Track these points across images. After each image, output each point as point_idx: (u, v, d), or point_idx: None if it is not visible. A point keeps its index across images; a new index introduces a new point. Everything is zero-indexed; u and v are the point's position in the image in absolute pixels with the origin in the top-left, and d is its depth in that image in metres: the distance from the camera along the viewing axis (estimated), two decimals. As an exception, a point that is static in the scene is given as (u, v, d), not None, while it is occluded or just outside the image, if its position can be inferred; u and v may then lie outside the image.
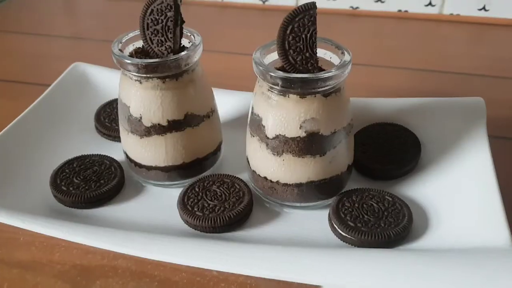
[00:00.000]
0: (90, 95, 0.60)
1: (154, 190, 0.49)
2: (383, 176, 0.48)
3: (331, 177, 0.44)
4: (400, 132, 0.51)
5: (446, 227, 0.42)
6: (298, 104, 0.41)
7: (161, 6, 0.44)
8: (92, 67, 0.62)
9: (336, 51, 0.43)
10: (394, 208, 0.43)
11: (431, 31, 0.82)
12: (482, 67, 0.71)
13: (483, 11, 0.80)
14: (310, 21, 0.42)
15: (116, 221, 0.45)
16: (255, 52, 0.43)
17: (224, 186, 0.46)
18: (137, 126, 0.46)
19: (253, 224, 0.45)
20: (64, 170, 0.49)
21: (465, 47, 0.78)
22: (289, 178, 0.44)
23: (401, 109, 0.53)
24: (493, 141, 0.49)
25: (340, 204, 0.44)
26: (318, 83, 0.40)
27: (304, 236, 0.43)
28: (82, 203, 0.46)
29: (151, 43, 0.45)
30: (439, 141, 0.50)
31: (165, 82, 0.44)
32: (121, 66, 0.44)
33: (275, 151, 0.43)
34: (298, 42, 0.42)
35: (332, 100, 0.41)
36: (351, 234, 0.41)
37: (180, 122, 0.45)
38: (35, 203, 0.47)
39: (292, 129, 0.42)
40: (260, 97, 0.43)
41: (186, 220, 0.44)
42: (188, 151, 0.47)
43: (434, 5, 0.81)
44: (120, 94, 0.47)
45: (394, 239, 0.41)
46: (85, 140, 0.55)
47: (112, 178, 0.48)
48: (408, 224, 0.42)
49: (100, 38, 0.82)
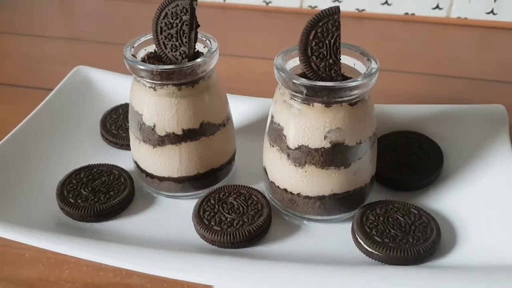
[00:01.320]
0: (94, 101, 0.57)
1: (166, 201, 0.47)
2: (405, 187, 0.47)
3: (355, 189, 0.42)
4: (420, 140, 0.49)
5: (475, 241, 0.40)
6: (323, 113, 0.39)
7: (176, 9, 0.42)
8: (95, 71, 0.59)
9: (361, 58, 0.41)
10: (421, 222, 0.41)
11: (438, 34, 0.80)
12: (491, 72, 0.70)
13: (491, 14, 0.78)
14: (334, 26, 0.40)
15: (128, 235, 0.43)
16: (276, 58, 0.41)
17: (241, 198, 0.44)
18: (150, 135, 0.43)
19: (273, 238, 0.43)
20: (71, 181, 0.46)
21: (473, 51, 0.77)
22: (311, 190, 0.42)
23: (419, 116, 0.52)
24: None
25: (364, 217, 0.42)
26: (346, 91, 0.38)
27: (326, 251, 0.41)
28: (91, 216, 0.44)
29: (165, 48, 0.43)
30: (461, 150, 0.48)
31: (181, 89, 0.42)
32: (134, 72, 0.42)
33: (297, 162, 0.41)
34: (321, 48, 0.40)
35: (358, 109, 0.39)
36: (378, 249, 0.40)
37: (196, 131, 0.43)
38: (41, 216, 0.44)
39: (316, 140, 0.40)
40: (282, 105, 0.41)
41: (202, 234, 0.42)
42: (203, 161, 0.45)
43: (441, 8, 0.80)
44: (131, 101, 0.44)
45: (423, 255, 0.39)
46: (90, 148, 0.53)
47: (122, 189, 0.46)
48: (437, 239, 0.40)
49: (99, 39, 0.79)
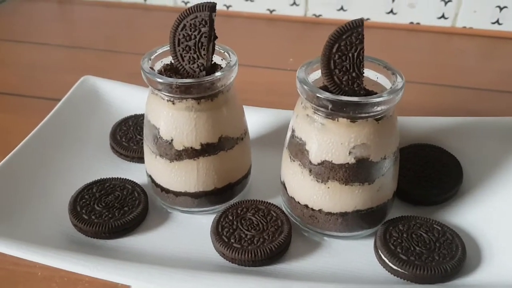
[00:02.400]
0: (102, 112, 0.56)
1: (181, 217, 0.45)
2: (425, 202, 0.46)
3: (378, 206, 0.41)
4: (438, 154, 0.49)
5: (500, 258, 0.40)
6: (348, 128, 0.38)
7: (195, 21, 0.41)
8: (102, 81, 0.58)
9: (385, 71, 0.41)
10: (445, 239, 0.41)
11: (443, 44, 0.80)
12: (498, 82, 0.70)
13: (496, 24, 0.79)
14: (358, 39, 0.39)
15: (144, 253, 0.42)
16: (299, 71, 0.40)
17: (260, 214, 0.43)
18: (167, 150, 0.42)
19: (293, 255, 0.42)
20: (84, 196, 0.45)
21: (479, 61, 0.77)
22: (334, 207, 0.41)
23: (435, 128, 0.51)
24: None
25: (387, 234, 0.41)
26: (372, 107, 0.37)
27: (349, 269, 0.40)
28: (106, 233, 0.42)
29: (182, 60, 0.42)
30: (479, 163, 0.48)
31: (200, 103, 0.40)
32: (151, 85, 0.41)
33: (320, 178, 0.40)
34: (344, 61, 0.39)
35: (384, 124, 0.39)
36: (403, 268, 0.39)
37: (214, 146, 0.42)
38: (52, 233, 0.43)
39: (340, 155, 0.39)
40: (304, 119, 0.40)
41: (222, 252, 0.41)
42: (221, 176, 0.43)
43: (447, 17, 0.80)
44: (148, 115, 0.43)
45: (450, 274, 0.38)
46: (101, 161, 0.51)
47: (136, 204, 0.44)
48: (463, 256, 0.39)
49: (101, 47, 0.78)
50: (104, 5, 0.90)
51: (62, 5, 0.93)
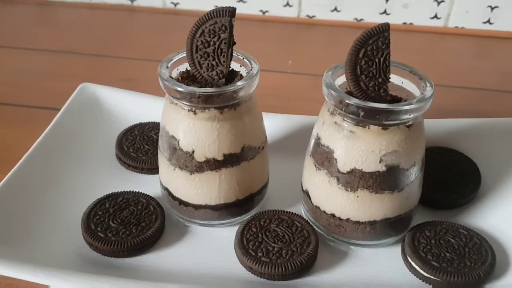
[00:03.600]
0: (104, 121, 0.53)
1: (200, 230, 0.44)
2: (445, 206, 0.46)
3: (405, 213, 0.41)
4: (454, 156, 0.49)
5: (529, 262, 0.40)
6: (380, 136, 0.37)
7: (214, 27, 0.39)
8: (102, 88, 0.55)
9: (410, 76, 0.40)
10: (473, 243, 0.40)
11: (436, 44, 0.81)
12: (491, 82, 0.70)
13: (488, 24, 0.79)
14: (384, 43, 0.38)
15: (166, 270, 0.40)
16: (326, 75, 0.39)
17: (284, 225, 0.42)
18: (187, 162, 0.40)
19: (321, 266, 0.41)
20: (97, 213, 0.42)
21: (472, 61, 0.78)
22: (363, 216, 0.40)
23: (448, 131, 0.51)
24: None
25: (415, 241, 0.41)
26: (407, 113, 0.36)
27: (380, 278, 0.40)
28: (124, 251, 0.40)
29: (200, 67, 0.40)
30: (495, 164, 0.48)
31: (223, 112, 0.39)
32: (171, 94, 0.39)
33: (349, 187, 0.39)
34: (371, 67, 0.38)
35: (414, 131, 0.38)
36: (436, 275, 0.38)
37: (237, 156, 0.40)
38: (65, 253, 0.41)
39: (370, 163, 0.38)
40: (332, 127, 0.39)
41: (249, 266, 0.39)
42: (242, 187, 0.42)
43: (439, 18, 0.80)
44: (165, 125, 0.41)
45: (484, 279, 0.38)
46: (108, 173, 0.49)
47: (153, 219, 0.42)
48: (493, 260, 0.39)
49: (91, 52, 0.74)
50: (88, 7, 0.86)
51: (43, 7, 0.89)
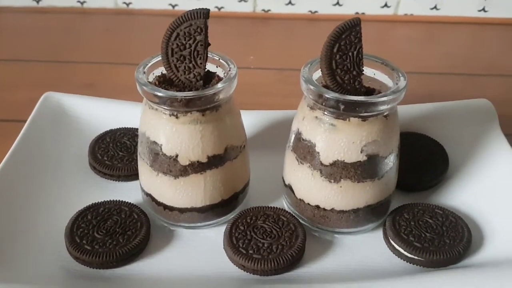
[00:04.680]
0: (73, 130, 0.52)
1: (186, 233, 0.44)
2: (418, 188, 0.48)
3: (385, 198, 0.43)
4: (422, 141, 0.51)
5: (500, 232, 0.42)
6: (360, 127, 0.39)
7: (189, 29, 0.39)
8: (66, 97, 0.53)
9: (382, 67, 0.41)
10: (450, 222, 0.43)
11: (387, 31, 0.84)
12: (442, 65, 0.74)
13: (435, 10, 0.83)
14: (356, 37, 0.40)
15: (159, 276, 0.40)
16: (303, 71, 0.40)
17: (270, 220, 0.43)
18: (171, 166, 0.40)
19: (311, 257, 0.42)
20: (80, 225, 0.41)
21: (421, 46, 0.81)
22: (346, 204, 0.41)
23: (414, 116, 0.53)
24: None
25: (396, 224, 0.43)
26: (385, 104, 0.38)
27: (367, 264, 0.41)
28: (113, 262, 0.40)
29: (177, 70, 0.40)
30: (460, 145, 0.51)
31: (205, 114, 0.39)
32: (150, 99, 0.38)
33: (332, 178, 0.40)
34: (345, 61, 0.39)
35: (391, 120, 0.40)
36: (420, 255, 0.40)
37: (221, 157, 0.41)
38: (51, 270, 0.39)
39: (352, 154, 0.39)
40: (313, 122, 0.40)
41: (241, 264, 0.40)
42: (227, 187, 0.42)
43: (389, 6, 0.83)
44: (145, 131, 0.41)
45: (463, 254, 0.40)
46: (84, 184, 0.48)
47: (139, 227, 0.42)
48: (470, 236, 0.42)
49: (46, 58, 0.71)
50: (36, 11, 0.83)
51: (-15, 13, 0.84)
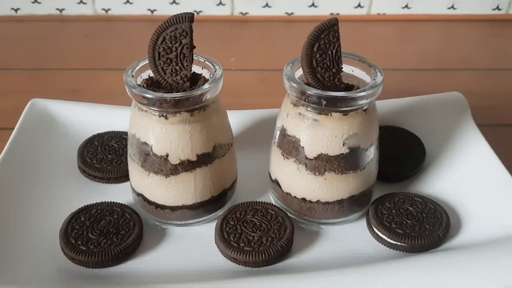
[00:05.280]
0: (61, 135, 0.53)
1: (177, 230, 0.45)
2: (397, 178, 0.50)
3: (367, 188, 0.45)
4: (399, 133, 0.53)
5: (477, 218, 0.45)
6: (341, 121, 0.41)
7: (175, 33, 0.40)
8: (53, 103, 0.54)
9: (359, 64, 0.44)
10: (429, 209, 0.45)
11: (361, 31, 0.86)
12: (414, 62, 0.77)
13: (406, 9, 0.86)
14: (335, 37, 0.42)
15: (154, 273, 0.41)
16: (286, 69, 0.42)
17: (259, 214, 0.44)
18: (162, 166, 0.41)
19: (299, 248, 0.43)
20: (74, 227, 0.42)
21: (394, 44, 0.84)
22: (331, 196, 0.43)
23: (390, 110, 0.55)
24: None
25: (378, 213, 0.45)
26: (364, 99, 0.40)
27: (352, 252, 0.43)
28: (109, 261, 0.41)
29: (164, 73, 0.41)
30: (435, 136, 0.53)
31: (193, 114, 0.40)
32: (139, 101, 0.40)
33: (317, 171, 0.42)
34: (325, 59, 0.41)
35: (370, 114, 0.42)
36: (402, 241, 0.42)
37: (210, 155, 0.42)
38: (48, 272, 0.40)
39: (335, 147, 0.41)
40: (296, 118, 0.42)
41: (233, 257, 0.41)
42: (216, 184, 0.44)
43: (363, 6, 0.86)
44: (135, 133, 0.42)
45: (443, 238, 0.43)
46: (75, 187, 0.48)
47: (132, 226, 0.43)
48: (448, 221, 0.44)
49: (28, 66, 0.72)
50: (16, 20, 0.83)
51: (-38, 23, 0.84)
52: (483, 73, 0.74)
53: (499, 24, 0.86)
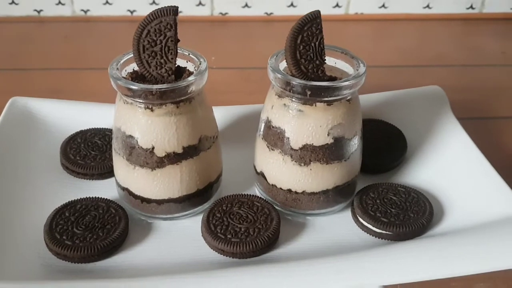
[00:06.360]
0: (42, 133, 0.52)
1: (164, 224, 0.45)
2: (381, 170, 0.51)
3: (352, 179, 0.45)
4: (381, 126, 0.54)
5: (459, 205, 0.46)
6: (326, 111, 0.41)
7: (160, 25, 0.40)
8: (34, 101, 0.54)
9: (342, 56, 0.44)
10: (412, 198, 0.46)
11: (339, 30, 0.88)
12: (392, 59, 0.78)
13: (383, 8, 0.88)
14: (317, 29, 0.43)
15: (141, 266, 0.41)
16: (270, 61, 0.42)
17: (245, 206, 0.44)
18: (147, 158, 0.41)
19: (286, 239, 0.44)
20: (59, 223, 0.42)
21: (372, 42, 0.86)
22: (317, 186, 0.44)
23: (372, 103, 0.57)
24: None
25: (363, 203, 0.45)
26: (347, 89, 0.40)
27: (338, 241, 0.44)
28: (95, 255, 0.40)
29: (149, 66, 0.41)
30: (416, 129, 0.54)
31: (179, 106, 0.40)
32: (125, 94, 0.40)
33: (302, 162, 0.43)
34: (308, 51, 0.42)
35: (353, 104, 0.42)
36: (387, 229, 0.43)
37: (195, 147, 0.42)
38: (33, 267, 0.40)
39: (320, 137, 0.42)
40: (281, 109, 0.42)
41: (221, 249, 0.41)
42: (202, 177, 0.44)
43: (340, 6, 0.87)
44: (120, 126, 0.42)
45: (427, 226, 0.44)
46: (58, 184, 0.48)
47: (117, 220, 0.43)
48: (432, 210, 0.45)
49: (8, 67, 0.71)
50: (-8, 21, 0.82)
51: None
52: (459, 69, 0.76)
53: (473, 23, 0.88)
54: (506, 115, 0.65)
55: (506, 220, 0.42)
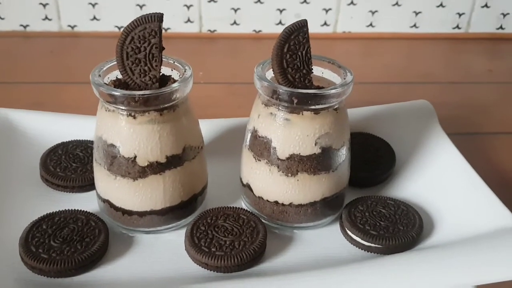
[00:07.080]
0: (22, 144, 0.50)
1: (146, 238, 0.43)
2: (370, 183, 0.50)
3: (340, 191, 0.44)
4: (370, 139, 0.53)
5: (448, 218, 0.45)
6: (313, 120, 0.40)
7: (144, 32, 0.40)
8: (14, 112, 0.52)
9: (329, 66, 0.44)
10: (401, 210, 0.45)
11: (327, 48, 0.88)
12: (379, 76, 0.78)
13: (370, 27, 0.88)
14: (304, 38, 0.42)
15: (121, 282, 0.39)
16: (257, 70, 0.41)
17: (231, 219, 0.43)
18: (129, 168, 0.40)
19: (272, 253, 0.42)
20: (35, 235, 0.40)
21: (360, 60, 0.86)
22: (304, 198, 0.43)
23: (361, 118, 0.56)
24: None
25: (352, 216, 0.44)
26: (335, 97, 0.40)
27: (327, 255, 0.42)
28: (71, 269, 0.38)
29: (132, 74, 0.40)
30: (405, 142, 0.53)
31: (163, 114, 0.39)
32: (107, 100, 0.38)
33: (289, 172, 0.42)
34: (295, 60, 0.41)
35: (341, 113, 0.42)
36: (377, 242, 0.42)
37: (179, 157, 0.41)
38: (8, 283, 0.38)
39: (307, 147, 0.41)
40: (268, 118, 0.41)
41: (205, 263, 0.40)
42: (186, 188, 0.43)
43: (329, 24, 0.88)
44: (101, 135, 0.40)
45: (417, 239, 0.42)
46: (36, 197, 0.46)
47: (97, 233, 0.41)
48: (421, 222, 0.44)
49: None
50: (-25, 36, 0.81)
51: None
52: (446, 86, 0.76)
53: (459, 42, 0.89)
54: (493, 131, 0.64)
55: (495, 232, 0.41)
